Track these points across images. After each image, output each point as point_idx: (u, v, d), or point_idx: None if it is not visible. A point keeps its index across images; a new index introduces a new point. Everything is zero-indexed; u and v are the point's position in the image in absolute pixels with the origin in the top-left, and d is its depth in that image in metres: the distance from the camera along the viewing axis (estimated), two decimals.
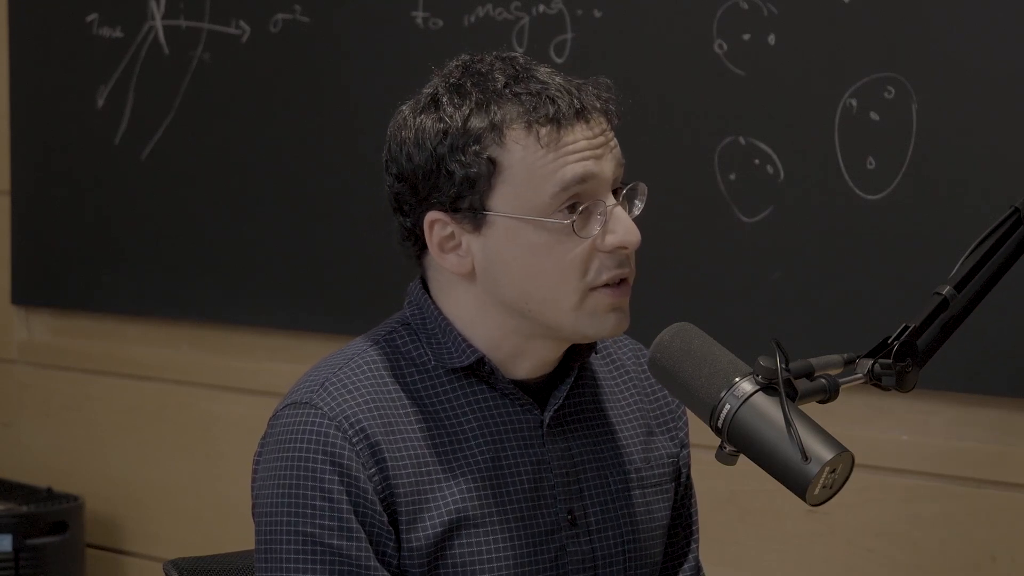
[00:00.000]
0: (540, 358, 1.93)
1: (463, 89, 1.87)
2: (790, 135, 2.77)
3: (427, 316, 1.93)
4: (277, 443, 1.88)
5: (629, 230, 1.87)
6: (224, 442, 3.62)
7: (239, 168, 3.54)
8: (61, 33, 3.82)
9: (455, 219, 1.87)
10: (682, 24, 2.88)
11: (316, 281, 3.43)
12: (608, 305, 1.87)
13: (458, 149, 1.85)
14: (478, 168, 1.84)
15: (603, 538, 1.95)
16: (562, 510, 1.93)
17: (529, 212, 1.85)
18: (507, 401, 1.92)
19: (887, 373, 1.82)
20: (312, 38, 3.41)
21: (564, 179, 1.84)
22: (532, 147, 1.84)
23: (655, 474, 2.02)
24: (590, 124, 1.87)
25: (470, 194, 1.85)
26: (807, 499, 1.72)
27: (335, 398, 1.87)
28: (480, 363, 1.90)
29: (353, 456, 1.84)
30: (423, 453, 1.87)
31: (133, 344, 3.80)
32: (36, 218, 3.92)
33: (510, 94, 1.86)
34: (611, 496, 1.96)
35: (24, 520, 3.62)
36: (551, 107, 1.85)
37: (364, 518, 1.84)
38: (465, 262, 1.89)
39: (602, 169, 1.86)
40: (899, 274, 2.65)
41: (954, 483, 2.67)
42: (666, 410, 2.06)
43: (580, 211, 1.85)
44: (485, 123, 1.85)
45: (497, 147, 1.85)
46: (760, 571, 2.87)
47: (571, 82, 1.89)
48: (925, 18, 2.62)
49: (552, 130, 1.84)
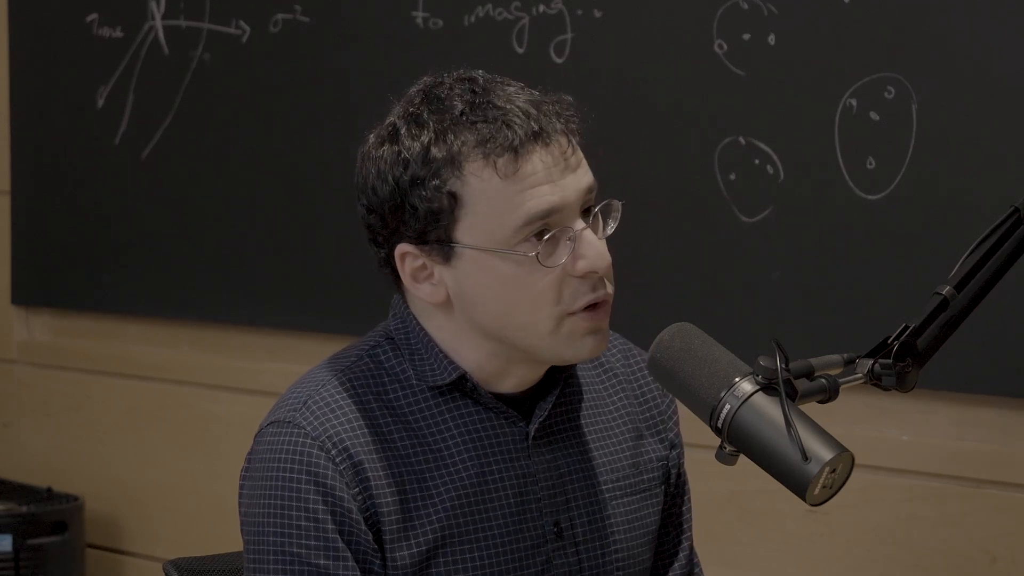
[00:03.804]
0: (523, 377, 1.92)
1: (420, 119, 1.85)
2: (790, 135, 2.77)
3: (410, 331, 1.92)
4: (262, 462, 1.88)
5: (599, 255, 1.84)
6: (224, 442, 3.62)
7: (239, 168, 3.54)
8: (61, 33, 3.82)
9: (424, 251, 1.86)
10: (682, 24, 2.88)
11: (316, 281, 3.43)
12: (584, 329, 1.86)
13: (418, 183, 1.83)
14: (439, 203, 1.82)
15: (590, 549, 1.94)
16: (548, 523, 1.92)
17: (495, 244, 1.83)
18: (491, 415, 1.91)
19: (887, 373, 1.82)
20: (312, 38, 3.41)
21: (528, 214, 1.82)
22: (491, 179, 1.82)
23: (644, 479, 2.01)
24: (549, 147, 1.83)
25: (435, 228, 1.84)
26: (807, 499, 1.72)
27: (317, 417, 1.86)
28: (462, 379, 1.89)
29: (336, 476, 1.83)
30: (407, 470, 1.87)
31: (133, 344, 3.80)
32: (36, 218, 3.91)
33: (467, 122, 1.83)
34: (598, 506, 1.96)
35: (24, 520, 3.62)
36: (508, 134, 1.81)
37: (349, 537, 1.83)
38: (439, 291, 1.87)
39: (564, 197, 1.83)
40: (899, 274, 2.65)
41: (954, 483, 2.67)
42: (655, 411, 2.05)
43: (547, 239, 1.82)
44: (443, 154, 1.82)
45: (456, 180, 1.82)
46: (760, 571, 2.87)
47: (531, 102, 1.85)
48: (925, 18, 2.63)
49: (510, 160, 1.81)
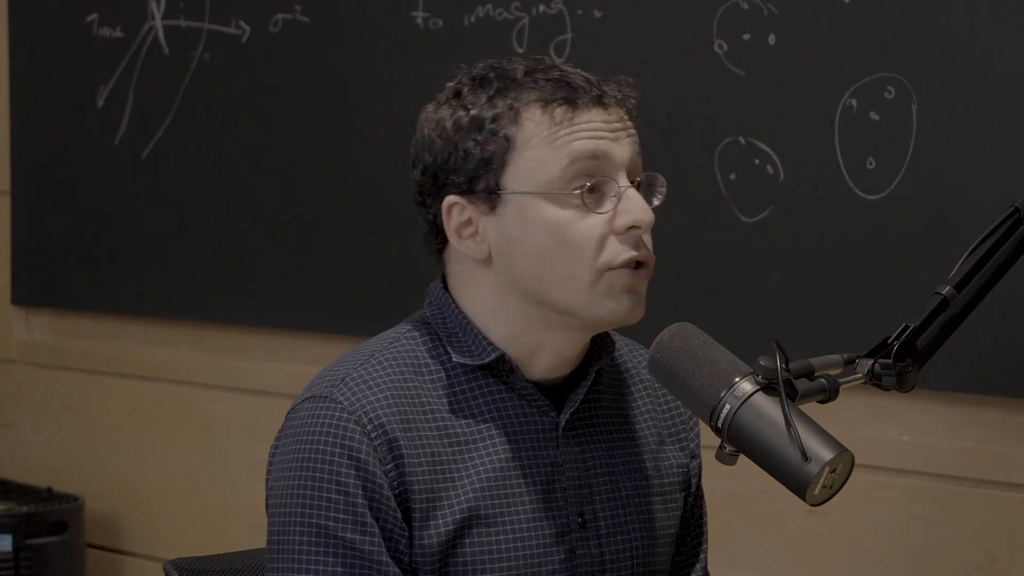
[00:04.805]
0: (558, 353, 1.92)
1: (485, 80, 1.90)
2: (790, 135, 2.77)
3: (447, 314, 1.93)
4: (294, 436, 1.88)
5: (642, 209, 1.87)
6: (224, 442, 3.62)
7: (239, 168, 3.54)
8: (61, 33, 3.82)
9: (471, 201, 1.88)
10: (682, 24, 2.88)
11: (316, 281, 3.43)
12: (623, 286, 1.87)
13: (475, 129, 1.87)
14: (494, 146, 1.86)
15: (612, 542, 1.95)
16: (573, 513, 1.93)
17: (541, 187, 1.86)
18: (524, 402, 1.92)
19: (887, 373, 1.82)
20: (312, 38, 3.41)
21: (574, 152, 1.85)
22: (546, 124, 1.86)
23: (665, 483, 2.02)
24: (608, 110, 1.88)
25: (485, 174, 1.87)
26: (807, 499, 1.72)
27: (355, 393, 1.87)
28: (499, 361, 1.91)
29: (371, 451, 1.84)
30: (438, 451, 1.88)
31: (133, 344, 3.80)
32: (36, 218, 3.91)
33: (530, 82, 1.88)
34: (621, 501, 1.97)
35: (24, 520, 3.61)
36: (568, 90, 1.87)
37: (378, 513, 1.84)
38: (482, 247, 1.89)
39: (614, 150, 1.87)
40: (899, 274, 2.65)
41: (954, 483, 2.67)
42: (677, 420, 2.06)
43: (592, 188, 1.86)
44: (504, 105, 1.87)
45: (513, 125, 1.87)
46: (760, 571, 2.87)
47: (594, 76, 1.91)
48: (925, 18, 2.63)
49: (567, 110, 1.86)
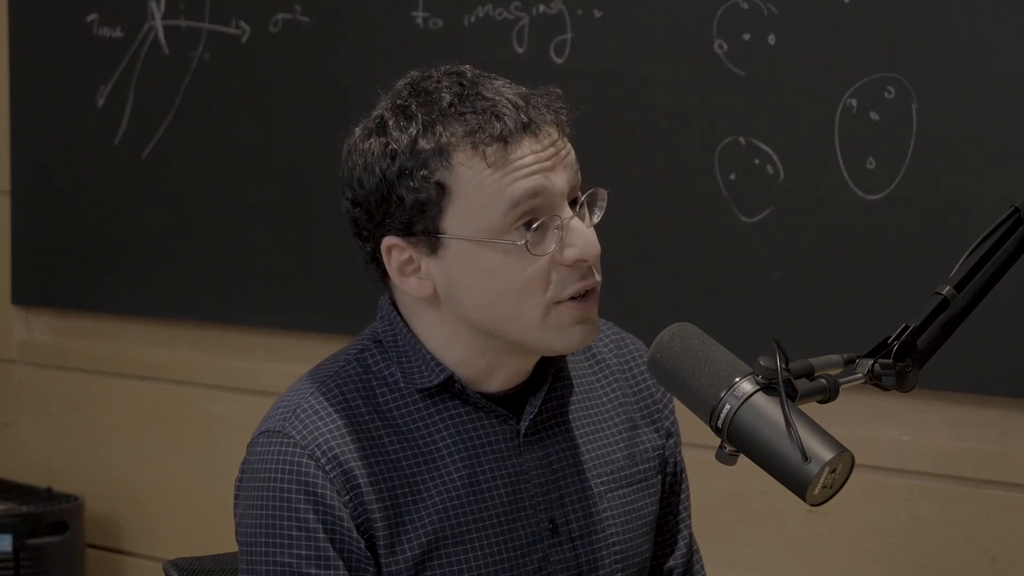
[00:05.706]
0: (512, 371, 1.92)
1: (408, 111, 1.85)
2: (790, 135, 2.77)
3: (397, 333, 1.92)
4: (253, 472, 1.88)
5: (588, 243, 1.85)
6: (224, 442, 3.62)
7: (239, 168, 3.54)
8: (61, 33, 3.81)
9: (411, 243, 1.86)
10: (682, 24, 2.88)
11: (316, 281, 3.43)
12: (572, 319, 1.85)
13: (406, 174, 1.83)
14: (426, 193, 1.82)
15: (586, 544, 1.94)
16: (543, 519, 1.92)
17: (482, 233, 1.82)
18: (481, 414, 1.91)
19: (887, 373, 1.82)
20: (312, 38, 3.41)
21: (514, 196, 1.82)
22: (479, 168, 1.82)
23: (640, 470, 2.01)
24: (539, 138, 1.84)
25: (422, 219, 1.84)
26: (807, 499, 1.72)
27: (307, 426, 1.86)
28: (450, 381, 1.89)
29: (327, 484, 1.83)
30: (398, 475, 1.87)
31: (133, 344, 3.80)
32: (36, 218, 3.91)
33: (455, 113, 1.83)
34: (594, 500, 1.95)
35: (24, 520, 3.61)
36: (497, 125, 1.82)
37: (341, 546, 1.83)
38: (426, 285, 1.87)
39: (553, 183, 1.83)
40: (899, 274, 2.65)
41: (954, 483, 2.67)
42: (650, 400, 2.05)
43: (535, 228, 1.82)
44: (431, 145, 1.82)
45: (445, 171, 1.82)
46: (760, 571, 2.87)
47: (520, 94, 1.86)
48: (925, 18, 2.63)
49: (499, 148, 1.81)
